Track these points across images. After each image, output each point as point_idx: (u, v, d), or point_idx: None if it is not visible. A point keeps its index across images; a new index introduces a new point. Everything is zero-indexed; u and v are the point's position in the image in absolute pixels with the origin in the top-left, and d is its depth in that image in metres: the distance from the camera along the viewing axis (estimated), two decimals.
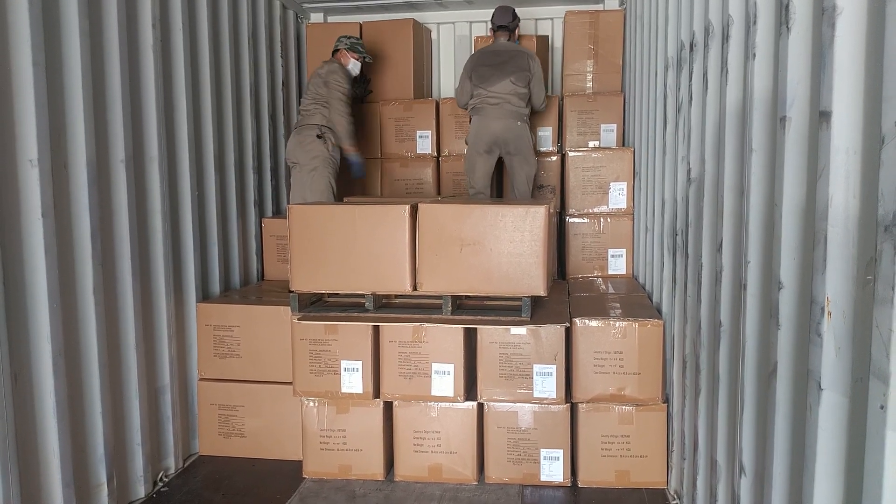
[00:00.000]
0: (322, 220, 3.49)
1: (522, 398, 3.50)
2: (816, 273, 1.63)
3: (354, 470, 3.63)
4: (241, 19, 4.59)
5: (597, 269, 4.68)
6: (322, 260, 3.49)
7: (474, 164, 4.73)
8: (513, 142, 4.62)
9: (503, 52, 4.73)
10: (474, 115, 4.72)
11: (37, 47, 2.66)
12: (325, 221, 3.49)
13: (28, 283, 2.71)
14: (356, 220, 3.44)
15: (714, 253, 2.59)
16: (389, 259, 3.42)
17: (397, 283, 3.45)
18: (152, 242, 3.55)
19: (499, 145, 4.66)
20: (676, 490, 3.33)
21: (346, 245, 3.46)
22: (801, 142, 1.82)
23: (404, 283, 3.43)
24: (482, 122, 4.65)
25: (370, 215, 3.44)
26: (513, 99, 4.60)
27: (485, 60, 4.73)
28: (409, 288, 3.43)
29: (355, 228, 3.44)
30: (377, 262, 3.43)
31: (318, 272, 3.51)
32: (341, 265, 3.47)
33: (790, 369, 1.87)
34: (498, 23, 4.80)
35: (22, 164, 2.67)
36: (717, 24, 2.57)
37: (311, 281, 3.54)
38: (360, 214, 3.45)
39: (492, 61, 4.70)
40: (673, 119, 3.36)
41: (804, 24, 1.80)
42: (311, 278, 3.53)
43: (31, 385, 2.74)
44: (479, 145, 4.67)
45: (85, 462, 3.05)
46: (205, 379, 3.94)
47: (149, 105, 3.48)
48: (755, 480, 2.16)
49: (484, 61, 4.73)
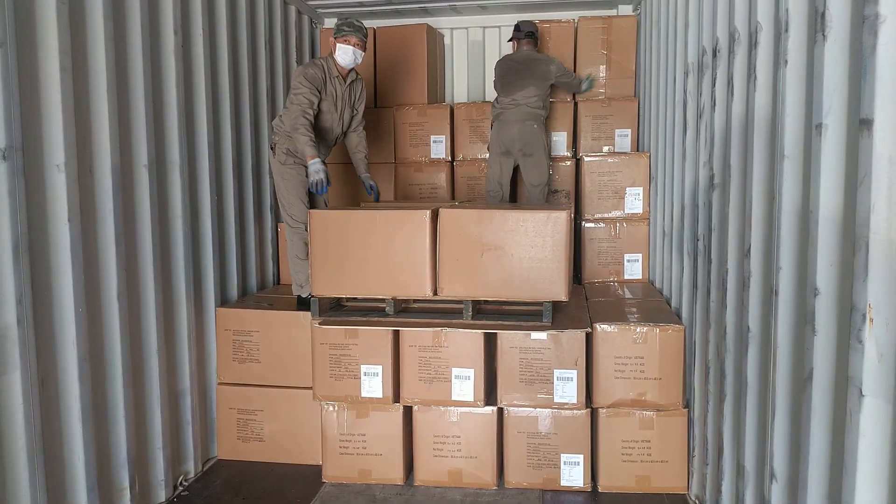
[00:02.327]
0: (342, 226, 3.50)
1: (542, 403, 3.50)
2: (857, 280, 1.64)
3: (374, 474, 3.63)
4: (257, 24, 4.60)
5: (613, 273, 4.68)
6: (342, 265, 3.49)
7: (491, 165, 4.87)
8: (528, 143, 4.69)
9: (526, 61, 4.81)
10: (495, 122, 4.84)
11: (64, 53, 2.68)
12: (346, 226, 3.49)
13: (55, 288, 2.73)
14: (377, 225, 3.45)
15: (741, 258, 2.59)
16: (410, 264, 3.42)
17: (418, 287, 3.45)
18: (173, 247, 3.56)
19: (515, 146, 4.74)
20: (698, 495, 3.33)
21: (366, 250, 3.46)
22: (837, 149, 1.83)
23: (425, 288, 3.44)
24: (501, 126, 4.77)
25: (391, 220, 3.45)
26: (532, 101, 4.70)
27: (509, 69, 4.85)
28: (430, 293, 3.43)
29: (376, 233, 3.44)
30: (397, 266, 3.43)
31: (339, 277, 3.51)
32: (361, 270, 3.47)
33: (827, 375, 1.87)
34: (527, 29, 4.88)
35: (49, 169, 2.68)
36: (744, 30, 2.58)
37: (332, 286, 3.55)
38: (381, 220, 3.45)
39: (515, 69, 4.81)
40: (693, 124, 3.37)
41: (841, 32, 1.81)
42: (332, 283, 3.54)
43: (57, 390, 2.75)
44: (497, 147, 4.80)
45: (108, 466, 3.06)
46: (224, 383, 3.94)
47: (170, 110, 3.50)
48: (787, 486, 2.16)
49: (508, 70, 4.85)
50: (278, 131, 4.01)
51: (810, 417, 1.93)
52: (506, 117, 4.74)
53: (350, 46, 3.91)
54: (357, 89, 4.17)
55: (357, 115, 4.21)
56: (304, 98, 3.79)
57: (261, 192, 4.65)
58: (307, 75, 3.84)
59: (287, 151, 3.96)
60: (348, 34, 3.91)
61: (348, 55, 3.93)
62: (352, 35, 3.91)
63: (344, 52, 3.92)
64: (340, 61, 3.95)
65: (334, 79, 3.97)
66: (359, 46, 3.94)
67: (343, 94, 4.04)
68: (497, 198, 4.86)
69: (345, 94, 4.05)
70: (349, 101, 4.10)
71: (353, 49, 3.92)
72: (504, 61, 4.94)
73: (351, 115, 4.17)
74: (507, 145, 4.74)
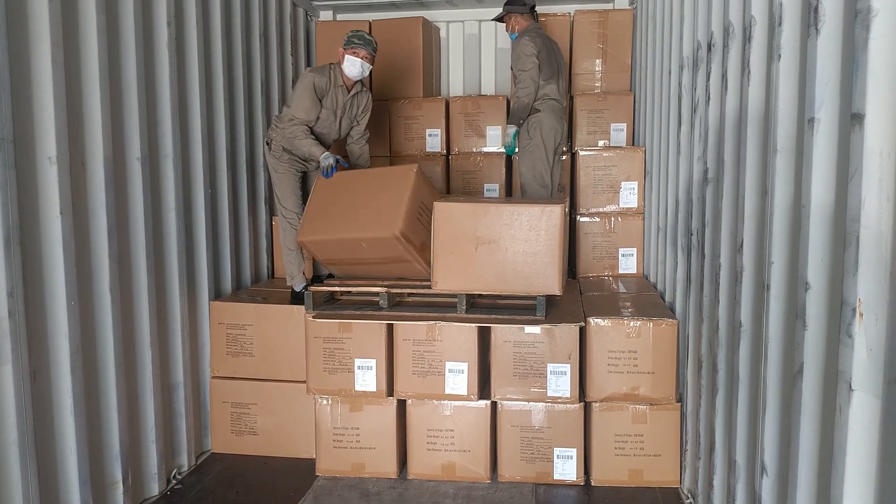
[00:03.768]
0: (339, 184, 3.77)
1: (536, 397, 3.51)
2: (847, 274, 1.64)
3: (368, 468, 3.64)
4: (252, 17, 4.59)
5: (607, 268, 4.68)
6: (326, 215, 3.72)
7: (541, 160, 4.42)
8: (564, 139, 4.60)
9: (556, 46, 4.56)
10: (545, 111, 4.39)
11: (56, 45, 2.67)
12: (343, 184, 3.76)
13: (47, 280, 2.72)
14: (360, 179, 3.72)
15: (734, 253, 2.60)
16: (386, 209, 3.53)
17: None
18: (167, 240, 3.55)
19: (560, 143, 4.53)
20: (690, 489, 3.34)
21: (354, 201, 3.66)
22: (829, 144, 1.83)
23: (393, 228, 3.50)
24: (555, 118, 4.42)
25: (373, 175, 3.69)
26: (563, 92, 4.55)
27: (549, 50, 4.44)
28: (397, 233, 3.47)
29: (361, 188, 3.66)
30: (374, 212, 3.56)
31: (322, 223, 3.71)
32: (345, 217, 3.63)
33: (818, 370, 1.87)
34: (531, 3, 4.53)
35: (41, 162, 2.67)
36: (738, 24, 2.57)
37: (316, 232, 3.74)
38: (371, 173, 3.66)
39: (553, 51, 4.48)
40: (688, 119, 3.36)
41: (834, 26, 1.80)
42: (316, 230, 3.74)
43: (49, 383, 2.74)
44: (551, 142, 4.42)
45: (101, 460, 3.06)
46: (217, 377, 3.94)
47: (164, 102, 3.48)
48: (778, 480, 2.17)
49: (549, 52, 4.44)
50: (276, 128, 4.04)
51: (800, 412, 1.93)
52: (558, 108, 4.43)
53: (359, 59, 3.93)
54: (361, 102, 4.18)
55: (359, 126, 4.22)
56: (301, 113, 3.89)
57: (255, 186, 4.64)
58: (313, 86, 3.90)
59: (283, 148, 4.02)
60: (358, 47, 3.93)
61: (356, 67, 3.95)
62: (361, 48, 3.93)
63: (352, 63, 3.94)
64: (347, 72, 3.97)
65: (338, 87, 4.00)
66: (367, 60, 3.96)
67: (345, 104, 4.06)
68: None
69: (346, 104, 4.07)
70: (350, 111, 4.12)
71: (362, 62, 3.94)
72: (541, 38, 4.43)
73: (350, 125, 4.18)
74: (558, 140, 4.46)
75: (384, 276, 3.68)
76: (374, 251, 3.52)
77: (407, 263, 3.53)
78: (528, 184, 4.46)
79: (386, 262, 3.56)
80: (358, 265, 3.67)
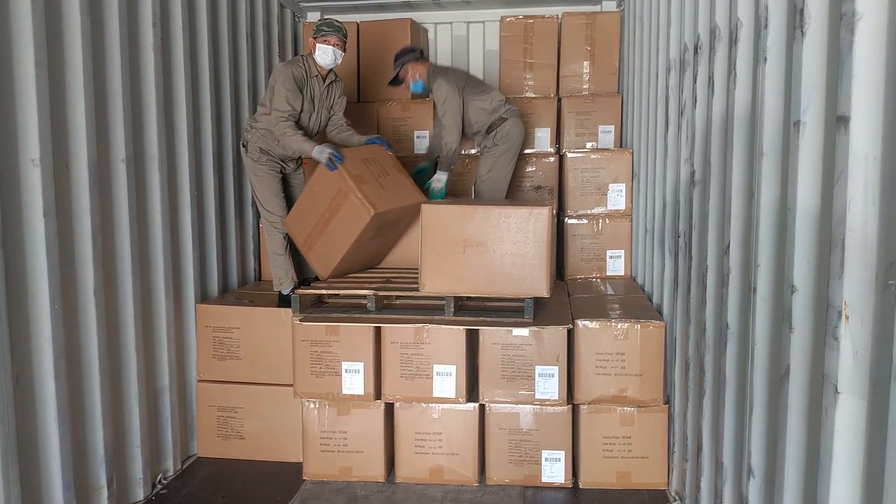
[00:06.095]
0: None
1: (524, 399, 3.50)
2: (833, 277, 1.64)
3: (355, 472, 3.62)
4: (239, 18, 4.56)
5: (595, 270, 4.69)
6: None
7: (510, 169, 4.61)
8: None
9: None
10: (511, 118, 4.51)
11: (39, 46, 2.64)
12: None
13: (30, 283, 2.68)
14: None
15: (720, 255, 2.60)
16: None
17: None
18: (152, 243, 3.52)
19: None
20: (678, 491, 3.35)
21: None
22: (815, 146, 1.83)
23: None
24: (519, 125, 4.56)
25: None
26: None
27: (463, 74, 4.71)
28: None
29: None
30: None
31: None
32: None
33: (804, 372, 1.88)
34: (419, 48, 4.76)
35: (24, 164, 2.64)
36: (724, 27, 2.58)
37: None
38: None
39: (467, 73, 4.79)
40: (675, 121, 3.37)
41: (819, 29, 1.81)
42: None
43: (32, 387, 2.71)
44: (518, 149, 4.61)
45: (85, 464, 3.02)
46: (204, 380, 3.91)
47: (149, 104, 3.45)
48: (765, 482, 2.17)
49: (464, 75, 4.70)
50: (251, 129, 3.98)
51: (787, 414, 1.94)
52: (516, 115, 4.55)
53: (330, 47, 3.86)
54: (336, 92, 4.12)
55: (336, 115, 4.16)
56: (286, 104, 3.79)
57: (242, 188, 4.61)
58: (292, 76, 3.81)
59: (260, 150, 3.96)
60: (328, 34, 3.86)
61: (328, 55, 3.88)
62: (331, 35, 3.86)
63: (324, 52, 3.87)
64: (321, 62, 3.90)
65: (313, 78, 3.94)
66: (339, 47, 3.90)
67: (321, 94, 4.01)
68: None
69: (322, 94, 4.02)
70: (326, 102, 4.07)
71: (333, 49, 3.88)
72: (447, 70, 4.63)
73: (328, 116, 4.13)
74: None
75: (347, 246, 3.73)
76: (324, 193, 3.69)
77: (346, 198, 3.59)
78: (487, 189, 4.57)
79: (333, 207, 3.66)
80: (321, 228, 3.76)
